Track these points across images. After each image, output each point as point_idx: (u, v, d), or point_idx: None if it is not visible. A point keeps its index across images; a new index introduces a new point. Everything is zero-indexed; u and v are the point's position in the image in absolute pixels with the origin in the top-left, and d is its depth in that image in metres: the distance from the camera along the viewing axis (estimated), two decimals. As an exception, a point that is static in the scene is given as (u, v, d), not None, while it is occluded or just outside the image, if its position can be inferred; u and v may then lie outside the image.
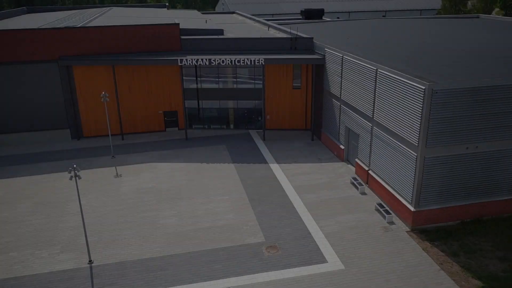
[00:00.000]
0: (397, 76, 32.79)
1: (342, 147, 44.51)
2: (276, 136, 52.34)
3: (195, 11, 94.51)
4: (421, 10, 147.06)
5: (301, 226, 33.97)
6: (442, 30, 59.23)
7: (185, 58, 47.90)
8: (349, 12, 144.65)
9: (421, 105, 30.11)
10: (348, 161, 44.40)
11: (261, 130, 53.93)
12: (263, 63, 47.56)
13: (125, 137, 52.85)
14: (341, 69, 42.93)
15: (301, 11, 78.91)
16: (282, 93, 52.70)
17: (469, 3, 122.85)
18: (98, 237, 33.26)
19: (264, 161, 45.65)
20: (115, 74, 49.90)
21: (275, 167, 44.07)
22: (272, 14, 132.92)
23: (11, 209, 37.64)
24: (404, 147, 32.56)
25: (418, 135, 30.84)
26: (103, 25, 52.37)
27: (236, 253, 30.98)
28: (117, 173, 43.69)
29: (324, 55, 47.23)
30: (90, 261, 30.44)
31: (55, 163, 46.38)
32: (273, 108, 53.20)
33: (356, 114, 40.64)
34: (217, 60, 47.91)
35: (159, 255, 31.02)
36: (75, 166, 28.39)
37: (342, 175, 41.96)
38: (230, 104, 54.45)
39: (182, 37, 51.58)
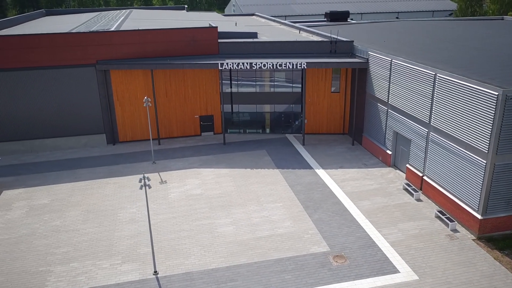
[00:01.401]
0: (464, 81, 32.16)
1: (388, 152, 43.85)
2: (314, 141, 51.70)
3: (215, 13, 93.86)
4: (433, 11, 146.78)
5: (363, 234, 33.31)
6: (478, 32, 58.65)
7: (225, 62, 47.22)
8: (361, 13, 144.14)
9: (493, 112, 29.50)
10: (395, 166, 43.74)
11: (298, 134, 53.33)
12: (305, 67, 46.90)
13: (161, 142, 52.09)
14: (390, 73, 42.28)
15: (326, 13, 78.29)
16: (320, 97, 52.09)
17: (484, 5, 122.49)
18: (157, 246, 32.53)
19: (308, 166, 44.99)
20: (153, 78, 49.10)
21: (321, 173, 43.40)
22: (285, 16, 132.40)
23: (62, 217, 36.89)
24: (471, 154, 31.93)
25: (488, 142, 30.22)
26: (135, 28, 51.56)
27: (303, 263, 30.32)
28: (161, 180, 42.95)
29: (367, 58, 46.56)
30: (155, 272, 29.74)
31: (95, 169, 45.65)
32: (310, 112, 52.59)
33: (408, 119, 40.00)
34: (258, 64, 47.21)
35: (225, 265, 30.31)
36: (146, 175, 27.53)
37: (393, 181, 41.32)
38: (267, 108, 53.75)
39: (219, 40, 50.82)
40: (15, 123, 48.86)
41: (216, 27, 50.75)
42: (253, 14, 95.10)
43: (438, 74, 35.24)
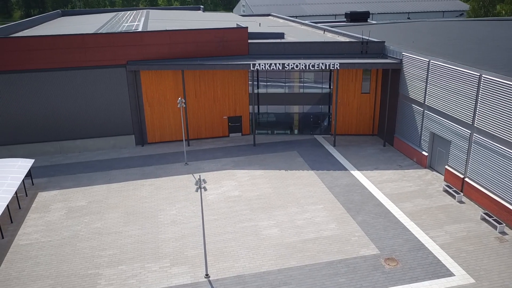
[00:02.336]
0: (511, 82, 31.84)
1: (424, 153, 43.54)
2: (344, 142, 51.41)
3: (232, 14, 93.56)
4: (443, 11, 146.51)
5: (410, 236, 33.01)
6: (506, 33, 58.34)
7: (257, 62, 46.90)
8: (372, 14, 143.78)
9: (547, 113, 29.15)
10: (431, 168, 43.43)
11: (327, 135, 53.07)
12: (338, 68, 46.59)
13: (190, 143, 51.78)
14: (427, 74, 41.96)
15: (346, 13, 78.00)
16: (350, 98, 51.79)
17: (498, 6, 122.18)
18: (204, 249, 32.13)
19: (343, 168, 44.69)
20: (184, 79, 48.79)
21: (357, 174, 43.10)
22: (295, 16, 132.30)
23: (102, 219, 36.57)
24: (521, 155, 31.61)
25: (541, 144, 29.88)
26: (163, 29, 51.23)
27: (355, 266, 30.00)
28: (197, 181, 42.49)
29: (401, 59, 46.26)
30: (207, 275, 29.41)
31: (128, 171, 45.34)
32: (340, 113, 52.29)
33: (448, 120, 39.71)
34: (291, 65, 46.90)
35: (276, 268, 30.01)
36: (202, 178, 27.20)
37: (431, 183, 41.01)
38: (295, 109, 53.46)
39: (249, 41, 50.54)
40: (45, 124, 48.58)
41: (247, 27, 50.46)
42: (269, 15, 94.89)
43: (483, 75, 34.92)
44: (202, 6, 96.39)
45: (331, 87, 51.46)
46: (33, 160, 41.48)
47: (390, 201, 38.09)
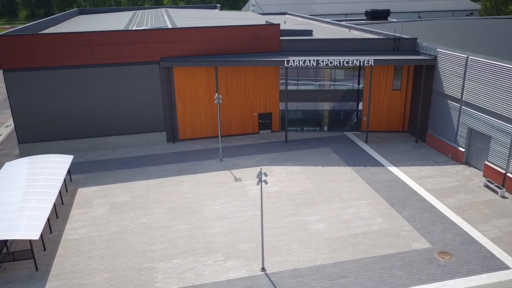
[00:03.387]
0: None
1: (461, 149, 43.66)
2: (375, 138, 51.53)
3: (249, 12, 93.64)
4: (453, 11, 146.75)
5: (459, 231, 33.14)
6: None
7: (292, 59, 47.01)
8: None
9: None
10: (468, 163, 43.55)
11: (357, 132, 53.20)
12: (372, 64, 46.72)
13: (221, 140, 51.78)
14: (465, 70, 42.09)
15: (366, 11, 78.17)
16: (381, 95, 51.92)
17: (511, 6, 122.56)
18: (255, 243, 32.33)
19: (379, 164, 44.80)
20: (217, 76, 48.87)
21: (394, 170, 43.22)
22: (291, 14, 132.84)
23: (147, 214, 36.65)
24: None
25: None
26: (194, 26, 51.31)
27: (409, 259, 30.12)
28: (235, 177, 42.71)
29: (435, 55, 46.38)
30: (263, 269, 29.49)
31: (164, 167, 45.45)
32: (370, 109, 52.33)
33: (488, 115, 39.82)
34: (325, 61, 47.01)
35: (331, 261, 30.11)
36: (264, 171, 27.22)
37: (470, 178, 41.14)
38: (325, 105, 53.54)
39: (281, 38, 50.65)
40: (78, 120, 48.64)
41: (279, 24, 50.63)
42: (285, 13, 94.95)
43: (529, 70, 35.03)
44: (219, 5, 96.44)
45: (360, 84, 51.52)
46: (72, 156, 41.59)
47: (433, 196, 38.19)
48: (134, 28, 51.33)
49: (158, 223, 35.28)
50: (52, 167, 38.80)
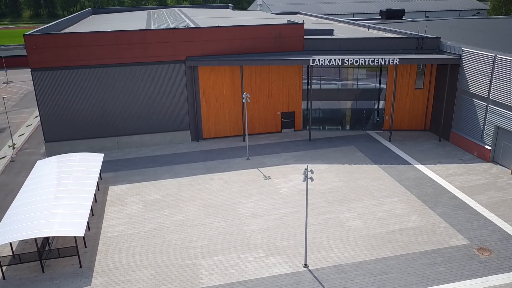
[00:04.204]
0: None
1: (487, 147, 43.99)
2: (398, 137, 51.85)
3: (261, 12, 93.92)
4: (459, 10, 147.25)
5: (495, 227, 33.49)
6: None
7: (317, 58, 47.30)
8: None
9: None
10: (495, 161, 43.88)
11: (379, 131, 53.55)
12: (397, 63, 47.04)
13: (245, 138, 52.02)
14: (492, 69, 42.43)
15: (381, 11, 78.48)
16: (404, 94, 52.25)
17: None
18: (294, 240, 32.66)
19: (405, 162, 45.13)
20: (242, 75, 49.17)
21: (422, 168, 43.57)
22: (303, 14, 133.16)
23: (182, 212, 36.93)
24: None
25: None
26: (217, 25, 51.57)
27: (449, 255, 30.45)
28: (265, 175, 43.00)
29: (460, 54, 46.72)
30: (306, 265, 29.78)
31: (192, 165, 45.73)
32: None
33: (517, 114, 40.14)
34: (350, 60, 47.32)
35: (371, 258, 30.42)
36: (310, 170, 27.54)
37: (499, 176, 41.50)
38: (347, 104, 53.86)
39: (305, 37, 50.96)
40: (104, 119, 48.88)
41: (303, 23, 50.91)
42: (297, 13, 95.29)
43: (561, 69, 35.35)
44: (231, 5, 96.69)
45: (381, 83, 51.85)
46: (102, 155, 41.86)
47: (464, 193, 38.54)
48: (158, 28, 51.53)
49: (194, 221, 35.54)
50: (85, 165, 39.05)
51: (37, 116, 65.18)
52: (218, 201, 38.59)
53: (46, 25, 55.43)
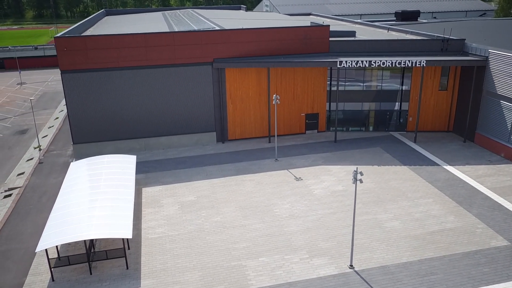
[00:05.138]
0: None
1: (516, 148, 44.38)
2: (422, 138, 52.21)
3: (274, 13, 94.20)
4: (466, 11, 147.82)
5: (533, 228, 33.79)
6: None
7: (344, 60, 47.63)
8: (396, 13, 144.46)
9: None
10: (523, 162, 44.26)
11: (403, 132, 53.92)
12: (424, 65, 47.40)
13: (271, 140, 52.36)
14: (521, 71, 42.82)
15: (396, 12, 78.87)
16: (427, 95, 52.61)
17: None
18: (336, 241, 32.97)
19: (433, 163, 45.50)
20: (269, 77, 49.47)
21: (451, 169, 43.94)
22: (316, 15, 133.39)
23: (219, 213, 37.20)
24: None
25: None
26: (242, 27, 51.90)
27: (492, 256, 30.82)
28: (296, 176, 43.29)
29: (486, 56, 47.10)
30: (351, 266, 30.08)
31: (222, 167, 46.01)
32: (416, 110, 53.02)
33: (547, 115, 40.49)
34: (377, 62, 47.67)
35: (415, 259, 30.77)
36: (359, 171, 27.79)
37: (529, 177, 41.85)
38: (371, 106, 54.19)
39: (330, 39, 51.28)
40: (131, 121, 49.12)
41: (328, 25, 51.23)
42: (309, 14, 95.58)
43: None
44: (244, 6, 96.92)
45: (404, 85, 52.20)
46: (135, 156, 42.07)
47: (496, 194, 38.88)
48: (186, 29, 51.79)
49: (233, 222, 35.81)
50: (120, 167, 39.27)
51: (57, 118, 65.36)
52: (253, 202, 38.85)
53: (71, 28, 55.50)
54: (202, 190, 41.22)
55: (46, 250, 28.69)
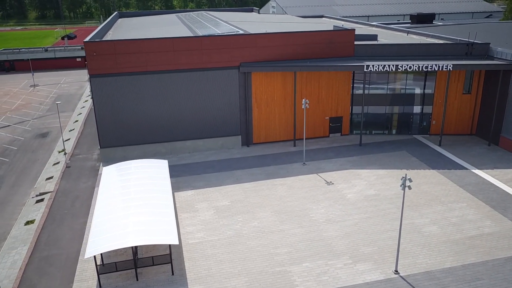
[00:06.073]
0: None
1: (543, 152, 44.63)
2: (446, 141, 52.47)
3: (288, 15, 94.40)
4: (472, 13, 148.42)
5: None
6: None
7: (371, 64, 47.83)
8: (403, 14, 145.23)
9: None
10: (551, 166, 44.53)
11: (426, 135, 54.18)
12: (451, 69, 47.64)
13: (296, 143, 52.49)
14: (550, 75, 43.05)
15: (411, 15, 79.19)
16: (451, 99, 52.86)
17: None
18: (376, 246, 33.13)
19: (461, 166, 45.74)
20: (295, 81, 49.65)
21: (480, 173, 44.19)
22: (328, 17, 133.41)
23: (256, 218, 37.34)
24: None
25: None
26: (267, 31, 52.01)
27: (535, 261, 30.95)
28: (326, 181, 43.45)
29: (513, 60, 47.38)
30: (396, 271, 30.26)
31: (250, 171, 46.14)
32: (440, 113, 53.35)
33: None
34: (404, 66, 47.88)
35: (458, 264, 30.97)
36: (408, 178, 27.98)
37: (559, 181, 42.12)
38: (394, 109, 54.41)
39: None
40: (158, 125, 49.21)
41: (354, 29, 51.39)
42: (322, 16, 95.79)
43: None
44: (257, 8, 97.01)
45: (425, 88, 52.45)
46: (167, 161, 42.04)
47: (529, 198, 39.10)
48: (211, 33, 51.91)
49: (271, 227, 35.94)
50: (154, 172, 39.30)
51: (76, 121, 65.38)
52: (288, 207, 38.99)
53: (93, 33, 55.45)
54: (235, 194, 41.32)
55: (94, 256, 28.74)
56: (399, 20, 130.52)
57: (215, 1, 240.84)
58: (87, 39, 47.21)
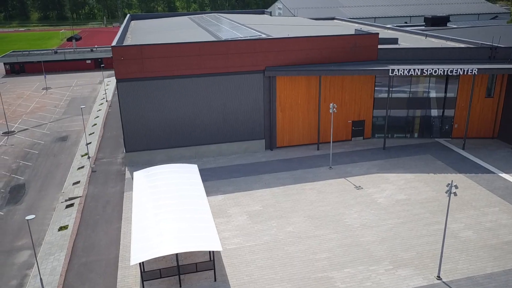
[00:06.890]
0: None
1: None
2: (469, 145, 52.63)
3: (300, 18, 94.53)
4: (478, 14, 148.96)
5: None
6: None
7: (396, 68, 47.97)
8: (410, 16, 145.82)
9: None
10: None
11: (448, 139, 54.36)
12: (476, 73, 47.81)
13: (319, 147, 52.57)
14: None
15: (425, 18, 79.40)
16: (474, 102, 53.01)
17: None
18: (415, 251, 33.22)
19: (487, 170, 45.91)
20: (320, 85, 49.76)
21: (508, 177, 44.43)
22: (340, 19, 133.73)
23: (290, 223, 37.43)
24: None
25: None
26: (290, 35, 52.07)
27: None
28: (355, 185, 43.55)
29: (538, 64, 47.55)
30: (439, 277, 30.36)
31: (277, 175, 46.20)
32: (462, 116, 53.54)
33: None
34: (429, 70, 48.04)
35: (499, 269, 31.16)
36: (454, 183, 28.02)
37: None
38: (416, 112, 54.55)
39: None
40: (183, 129, 49.26)
41: (377, 33, 51.51)
42: (333, 18, 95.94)
43: None
44: (269, 11, 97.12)
45: (448, 91, 52.64)
46: (196, 165, 42.00)
47: (560, 203, 39.26)
48: (239, 38, 51.96)
49: (306, 232, 36.01)
50: (186, 177, 39.25)
51: (95, 124, 65.32)
52: (320, 211, 39.07)
53: (116, 38, 55.43)
54: (265, 199, 41.38)
55: (140, 264, 28.73)
56: (406, 22, 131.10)
57: (217, 2, 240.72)
58: (114, 43, 47.19)
